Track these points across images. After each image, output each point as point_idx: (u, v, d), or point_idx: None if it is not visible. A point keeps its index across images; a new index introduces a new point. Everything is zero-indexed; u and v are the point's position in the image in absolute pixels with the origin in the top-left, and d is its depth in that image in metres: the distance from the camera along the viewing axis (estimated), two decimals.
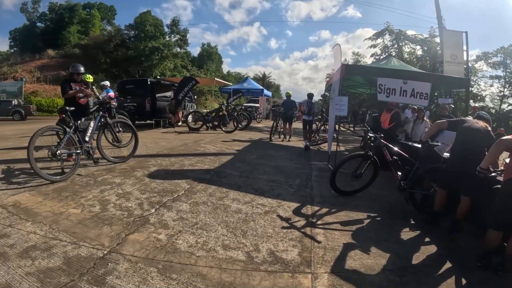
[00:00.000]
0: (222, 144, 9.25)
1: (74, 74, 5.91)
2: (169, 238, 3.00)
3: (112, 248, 2.76)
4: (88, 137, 5.24)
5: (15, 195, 3.99)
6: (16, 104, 24.13)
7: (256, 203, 4.16)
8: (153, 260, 2.61)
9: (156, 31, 45.64)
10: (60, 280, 2.26)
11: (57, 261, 2.50)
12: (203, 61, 57.66)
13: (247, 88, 24.06)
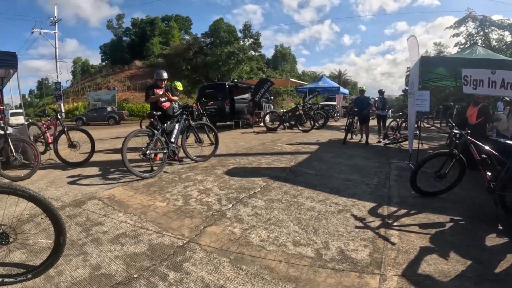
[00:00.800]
0: (299, 143, 9.29)
1: (158, 80, 6.43)
2: (243, 231, 3.15)
3: (191, 238, 3.00)
4: (173, 138, 5.75)
5: (110, 189, 4.57)
6: (110, 110, 27.27)
7: (330, 201, 4.13)
8: (226, 251, 2.77)
9: (230, 37, 47.39)
10: (143, 264, 2.55)
11: (142, 247, 2.82)
12: (277, 62, 58.43)
13: (322, 86, 23.73)
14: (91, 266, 2.55)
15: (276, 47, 63.75)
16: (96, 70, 60.35)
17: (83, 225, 3.37)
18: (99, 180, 5.16)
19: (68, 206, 3.98)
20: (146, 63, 51.86)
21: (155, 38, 55.45)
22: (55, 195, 4.49)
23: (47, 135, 7.14)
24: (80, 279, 2.37)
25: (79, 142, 6.69)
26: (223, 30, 48.12)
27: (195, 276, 2.40)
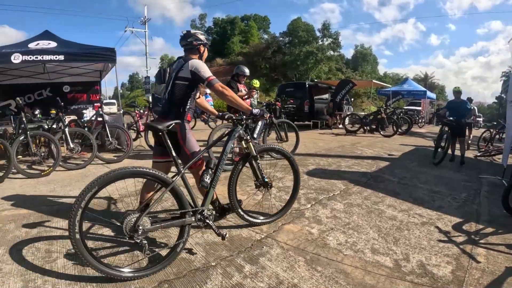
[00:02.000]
0: (380, 149, 9.00)
1: (240, 75, 6.62)
2: (320, 233, 3.20)
3: (269, 234, 3.13)
4: (256, 134, 5.91)
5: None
6: None
7: (413, 212, 3.99)
8: (302, 250, 2.85)
9: (309, 36, 47.12)
10: (221, 254, 2.74)
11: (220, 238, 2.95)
12: (357, 62, 56.67)
13: (407, 89, 22.44)
14: None
15: (356, 47, 62.11)
16: None
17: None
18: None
19: None
20: (227, 61, 53.97)
21: (235, 37, 57.48)
22: None
23: (139, 124, 7.93)
24: None
25: None
26: (301, 30, 48.11)
27: (270, 272, 2.50)
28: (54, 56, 7.29)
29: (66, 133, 6.17)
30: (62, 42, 8.17)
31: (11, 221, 3.57)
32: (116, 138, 7.06)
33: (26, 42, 7.95)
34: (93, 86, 11.15)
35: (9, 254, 2.79)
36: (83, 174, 5.66)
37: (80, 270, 2.49)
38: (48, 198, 4.39)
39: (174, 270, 2.48)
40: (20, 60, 7.02)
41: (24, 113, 6.01)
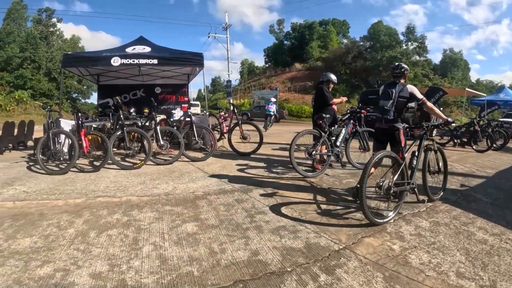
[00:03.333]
0: (472, 165, 8.15)
1: (329, 82, 6.38)
2: (402, 250, 3.03)
3: (348, 245, 3.05)
4: (339, 142, 5.82)
5: (274, 182, 5.00)
6: None
7: (506, 237, 3.57)
8: (382, 266, 2.71)
9: (391, 40, 44.76)
10: (297, 260, 2.71)
11: (299, 243, 2.99)
12: (446, 68, 52.14)
13: (503, 99, 20.09)
14: (251, 250, 2.85)
15: (444, 51, 56.98)
16: (261, 71, 65.99)
17: (248, 211, 3.81)
18: (264, 172, 5.74)
19: (237, 191, 4.58)
20: (305, 66, 53.70)
21: (313, 42, 56.77)
22: (226, 179, 5.23)
23: (223, 126, 8.30)
24: (239, 260, 2.68)
25: (249, 134, 7.54)
26: (383, 33, 45.95)
27: (345, 284, 2.42)
28: (148, 60, 8.01)
29: (157, 131, 6.74)
30: (155, 47, 8.92)
31: (104, 207, 4.00)
32: (202, 138, 7.50)
33: (124, 47, 8.86)
34: (182, 88, 11.98)
35: (98, 238, 3.12)
36: (170, 170, 6.10)
37: (163, 259, 2.68)
38: (138, 189, 4.80)
39: (250, 271, 2.53)
40: (119, 63, 7.84)
41: (121, 110, 6.72)
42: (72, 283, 2.37)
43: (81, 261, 2.69)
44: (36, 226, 3.50)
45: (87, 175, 5.84)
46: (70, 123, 7.47)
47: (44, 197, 4.53)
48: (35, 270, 2.56)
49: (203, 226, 3.35)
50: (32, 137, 11.18)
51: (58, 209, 4.01)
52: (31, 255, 2.82)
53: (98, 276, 2.46)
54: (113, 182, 5.28)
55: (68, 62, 8.36)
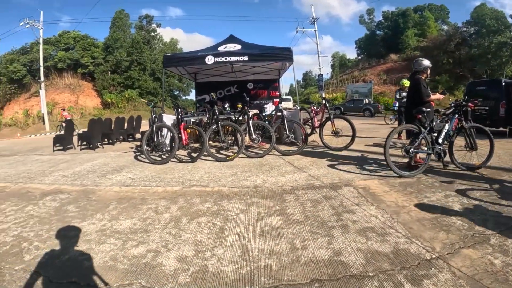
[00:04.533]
0: None
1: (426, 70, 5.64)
2: (504, 266, 2.58)
3: (441, 255, 2.71)
4: (441, 139, 5.18)
5: (366, 180, 4.72)
6: (366, 102, 28.23)
7: None
8: (477, 282, 2.33)
9: (499, 24, 38.50)
10: (382, 265, 2.48)
11: (386, 248, 2.74)
12: None
13: None
14: (333, 250, 2.71)
15: None
16: (353, 63, 63.30)
17: (336, 209, 3.64)
18: (356, 169, 5.45)
19: (326, 187, 4.44)
20: (402, 56, 49.68)
21: (409, 30, 51.89)
22: (315, 174, 5.12)
23: (314, 120, 8.19)
24: (319, 259, 2.57)
25: (341, 129, 7.31)
26: (489, 17, 39.77)
27: None
28: (239, 57, 8.32)
29: (250, 125, 6.95)
30: (245, 44, 9.19)
31: (197, 196, 4.25)
32: (293, 132, 7.51)
33: (216, 46, 9.34)
34: (273, 83, 12.20)
35: (189, 224, 3.33)
36: (260, 163, 6.23)
37: (245, 250, 2.73)
38: (229, 180, 4.99)
39: (329, 271, 2.42)
40: (213, 62, 8.32)
41: (216, 106, 7.07)
42: (159, 264, 2.57)
43: (171, 244, 2.90)
44: (137, 209, 3.88)
45: (185, 165, 6.32)
46: (171, 118, 8.12)
47: (147, 184, 5.03)
48: (130, 250, 2.85)
49: (288, 220, 3.33)
50: (139, 130, 12.49)
51: (157, 195, 4.40)
52: (129, 235, 3.14)
53: (183, 260, 2.62)
54: (207, 172, 5.60)
55: (168, 63, 9.15)
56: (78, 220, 3.68)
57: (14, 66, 36.68)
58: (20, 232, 3.26)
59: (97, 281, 2.40)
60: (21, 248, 3.04)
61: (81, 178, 5.79)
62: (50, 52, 37.54)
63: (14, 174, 6.85)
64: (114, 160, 7.41)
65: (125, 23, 41.06)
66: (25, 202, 4.58)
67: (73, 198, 4.58)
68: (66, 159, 8.42)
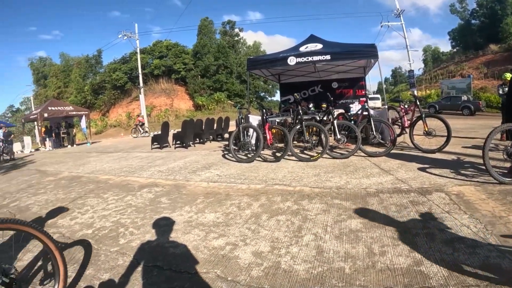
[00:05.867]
0: None
1: None
2: None
3: None
4: None
5: (460, 185, 4.25)
6: (465, 99, 25.41)
7: None
8: None
9: None
10: (465, 279, 2.22)
11: (474, 261, 2.43)
12: None
13: None
14: (414, 259, 2.51)
15: None
16: (448, 57, 57.48)
17: (422, 215, 3.36)
18: (449, 173, 4.95)
19: (414, 191, 4.13)
20: (503, 47, 43.20)
21: (508, 17, 45.07)
22: (403, 177, 4.82)
23: (404, 120, 7.73)
24: (397, 267, 2.41)
25: (434, 129, 6.78)
26: None
27: None
28: (322, 57, 8.23)
29: (334, 125, 6.83)
30: (326, 43, 9.05)
31: (279, 194, 4.35)
32: (380, 133, 7.20)
33: (297, 46, 9.36)
34: (358, 82, 11.82)
35: (268, 221, 3.42)
36: (345, 164, 6.09)
37: (319, 250, 2.71)
38: (312, 181, 4.97)
39: (405, 281, 2.25)
40: (295, 62, 8.39)
41: (301, 106, 7.11)
42: (236, 257, 2.72)
43: (249, 239, 3.04)
44: (221, 204, 4.14)
45: (269, 164, 6.50)
46: (257, 119, 8.40)
47: (232, 181, 5.31)
48: (211, 241, 3.06)
49: (368, 224, 3.20)
50: (227, 131, 13.17)
51: (241, 192, 4.62)
52: (212, 228, 3.37)
53: (258, 255, 2.72)
54: (290, 172, 5.67)
55: (251, 66, 9.46)
56: (168, 211, 4.07)
57: (117, 74, 41.72)
58: (119, 219, 3.69)
59: (178, 267, 2.63)
60: (118, 232, 3.49)
61: (174, 174, 6.34)
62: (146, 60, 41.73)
63: (117, 168, 7.76)
64: (204, 158, 7.94)
65: (210, 29, 43.56)
66: (125, 192, 5.21)
67: (166, 191, 5.06)
68: (162, 156, 9.25)
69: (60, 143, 21.61)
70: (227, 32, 47.49)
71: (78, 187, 6.12)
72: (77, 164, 9.64)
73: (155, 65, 41.75)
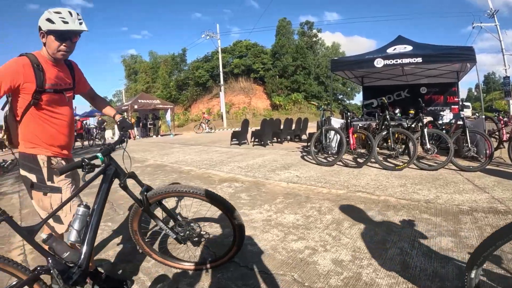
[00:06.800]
0: None
1: None
2: None
3: None
4: None
5: None
6: None
7: None
8: None
9: None
10: None
11: None
12: None
13: None
14: None
15: None
16: None
17: None
18: None
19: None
20: None
21: None
22: (500, 197, 4.33)
23: (502, 132, 6.99)
24: None
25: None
26: None
27: None
28: (411, 59, 7.77)
29: (424, 133, 6.34)
30: (416, 45, 8.50)
31: (362, 202, 4.21)
32: (475, 145, 6.53)
33: (384, 48, 8.91)
34: (450, 88, 10.95)
35: (350, 229, 3.32)
36: (434, 177, 5.64)
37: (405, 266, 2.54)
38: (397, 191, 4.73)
39: None
40: (382, 64, 8.03)
41: (388, 111, 6.78)
42: (314, 262, 2.66)
43: (329, 245, 2.96)
44: (301, 206, 4.13)
45: (350, 170, 6.33)
46: (339, 121, 8.25)
47: (312, 183, 5.28)
48: (290, 243, 3.04)
49: (461, 244, 2.93)
50: (305, 132, 13.11)
51: (321, 195, 4.57)
52: (291, 230, 3.36)
53: (338, 263, 2.63)
54: (374, 180, 5.45)
55: (335, 67, 9.27)
56: (248, 207, 4.17)
57: (199, 72, 44.13)
58: (199, 210, 3.87)
59: (255, 266, 2.64)
60: None
61: (253, 171, 6.49)
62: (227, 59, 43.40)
63: (198, 161, 8.18)
64: (282, 158, 8.00)
65: (288, 30, 43.68)
66: (206, 185, 5.48)
67: (246, 188, 5.20)
68: (240, 152, 9.54)
69: (147, 133, 23.44)
70: (305, 33, 47.22)
71: (162, 175, 6.58)
72: (161, 154, 10.38)
73: (235, 64, 43.18)
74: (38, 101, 2.03)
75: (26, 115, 2.07)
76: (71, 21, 1.98)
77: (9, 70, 1.93)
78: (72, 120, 2.31)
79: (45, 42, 2.03)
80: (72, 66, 2.33)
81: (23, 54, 2.04)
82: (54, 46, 2.01)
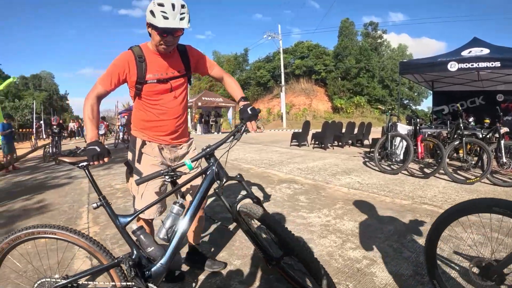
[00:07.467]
0: None
1: None
2: None
3: None
4: None
5: None
6: None
7: None
8: None
9: None
10: None
11: None
12: None
13: None
14: None
15: None
16: None
17: None
18: None
19: None
20: None
21: None
22: None
23: None
24: None
25: None
26: None
27: None
28: (489, 63, 7.16)
29: (501, 146, 5.77)
30: (494, 48, 7.78)
31: (428, 215, 3.94)
32: None
33: (459, 51, 8.26)
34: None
35: (412, 242, 3.16)
36: (508, 194, 5.15)
37: None
38: None
39: None
40: (456, 68, 7.50)
41: (462, 119, 6.33)
42: (372, 273, 2.57)
43: (389, 257, 2.84)
44: (361, 214, 4.03)
45: (416, 180, 6.02)
46: (406, 128, 7.87)
47: (374, 191, 5.12)
48: (347, 251, 2.97)
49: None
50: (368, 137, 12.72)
51: (384, 204, 4.41)
52: (350, 237, 3.28)
53: (398, 277, 2.52)
54: (442, 192, 5.13)
55: (404, 69, 8.84)
56: (306, 210, 4.17)
57: (261, 72, 44.61)
58: None
59: None
60: None
61: (313, 174, 6.45)
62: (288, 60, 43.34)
63: (258, 160, 8.31)
64: (344, 162, 7.86)
65: (351, 31, 42.27)
66: (265, 184, 5.56)
67: (305, 190, 5.20)
68: (300, 154, 9.53)
69: (208, 129, 24.25)
70: (369, 34, 45.43)
71: None
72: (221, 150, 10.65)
73: (297, 65, 42.90)
74: (140, 91, 2.23)
75: (134, 103, 2.36)
76: (171, 16, 1.92)
77: (116, 66, 2.15)
78: (178, 107, 2.38)
79: (150, 33, 2.10)
80: (185, 52, 2.38)
81: (131, 47, 2.23)
82: (156, 40, 2.07)
